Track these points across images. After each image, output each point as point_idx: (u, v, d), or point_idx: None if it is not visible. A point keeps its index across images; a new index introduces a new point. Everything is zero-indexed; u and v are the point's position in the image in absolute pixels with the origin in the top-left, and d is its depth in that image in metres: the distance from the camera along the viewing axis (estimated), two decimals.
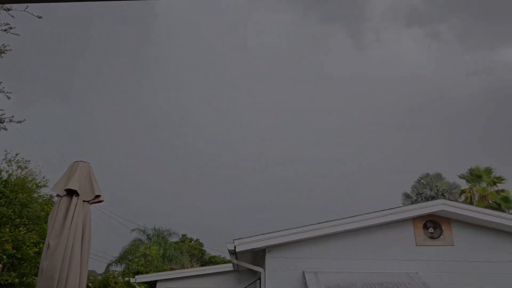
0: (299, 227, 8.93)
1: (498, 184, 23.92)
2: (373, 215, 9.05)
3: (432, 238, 9.35)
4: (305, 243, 9.08)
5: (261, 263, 9.36)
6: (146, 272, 20.84)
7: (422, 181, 30.42)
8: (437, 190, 28.72)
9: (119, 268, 26.45)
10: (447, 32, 56.97)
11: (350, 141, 56.27)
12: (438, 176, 30.02)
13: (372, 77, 57.93)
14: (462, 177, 25.05)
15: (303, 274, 8.74)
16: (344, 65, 60.45)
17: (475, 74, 57.20)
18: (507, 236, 9.27)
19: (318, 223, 8.99)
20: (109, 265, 26.99)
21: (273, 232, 8.80)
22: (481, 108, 53.82)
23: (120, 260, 26.16)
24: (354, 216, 8.97)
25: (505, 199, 22.65)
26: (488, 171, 24.08)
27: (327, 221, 8.99)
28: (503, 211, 20.50)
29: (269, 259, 8.94)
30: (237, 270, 11.93)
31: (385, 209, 9.12)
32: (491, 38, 55.05)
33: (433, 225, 9.44)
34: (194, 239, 40.55)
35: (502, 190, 23.72)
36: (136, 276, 14.31)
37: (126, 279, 20.54)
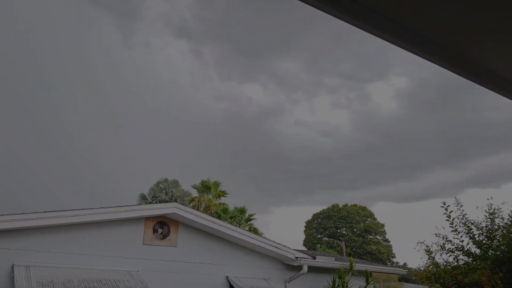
0: (15, 214, 7.75)
1: (221, 197, 27.25)
2: (107, 210, 8.75)
3: (159, 238, 9.74)
4: (21, 233, 7.95)
5: None
6: None
7: (160, 185, 31.79)
8: (172, 195, 30.53)
9: None
10: (208, 55, 62.55)
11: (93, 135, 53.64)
12: (175, 183, 32.01)
13: (132, 79, 57.64)
14: (194, 187, 27.40)
15: (13, 268, 7.61)
16: (109, 56, 58.11)
17: (222, 100, 64.48)
18: (221, 241, 10.56)
19: (42, 212, 8.04)
20: None
21: None
22: (222, 129, 60.86)
23: None
24: (85, 209, 8.45)
25: (224, 211, 25.94)
26: (216, 184, 27.15)
27: (52, 211, 8.15)
28: (222, 220, 23.41)
29: None
30: None
31: (121, 206, 8.99)
32: (241, 73, 63.61)
33: (162, 226, 9.86)
34: None
35: (224, 203, 27.13)
36: None
37: None
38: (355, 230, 46.48)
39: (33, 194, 38.50)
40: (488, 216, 7.13)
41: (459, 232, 7.18)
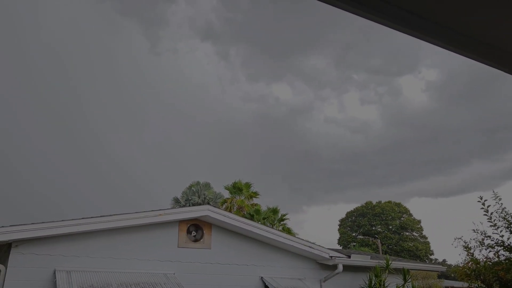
0: (56, 221, 8.05)
1: (253, 198, 27.33)
2: (142, 214, 8.95)
3: (193, 241, 9.88)
4: (61, 239, 8.26)
5: (4, 260, 8.04)
6: None
7: (192, 188, 32.22)
8: (204, 198, 30.89)
9: None
10: (234, 56, 62.85)
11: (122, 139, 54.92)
12: (207, 185, 32.36)
13: (161, 85, 58.71)
14: (226, 187, 27.61)
15: (55, 273, 7.91)
16: (137, 64, 59.39)
17: (249, 101, 64.64)
18: (254, 242, 10.60)
19: (80, 218, 8.33)
20: None
21: (24, 224, 7.67)
22: (251, 130, 61.05)
23: None
24: (121, 214, 8.67)
25: (257, 212, 26.01)
26: (248, 185, 27.25)
27: (90, 217, 8.41)
28: (255, 221, 23.47)
29: (14, 255, 7.74)
30: None
31: (155, 210, 9.18)
32: (268, 73, 63.57)
33: (196, 228, 10.01)
34: None
35: (256, 204, 27.20)
36: None
37: None
38: (390, 227, 45.55)
39: (70, 200, 39.86)
40: None
41: (498, 227, 6.93)
